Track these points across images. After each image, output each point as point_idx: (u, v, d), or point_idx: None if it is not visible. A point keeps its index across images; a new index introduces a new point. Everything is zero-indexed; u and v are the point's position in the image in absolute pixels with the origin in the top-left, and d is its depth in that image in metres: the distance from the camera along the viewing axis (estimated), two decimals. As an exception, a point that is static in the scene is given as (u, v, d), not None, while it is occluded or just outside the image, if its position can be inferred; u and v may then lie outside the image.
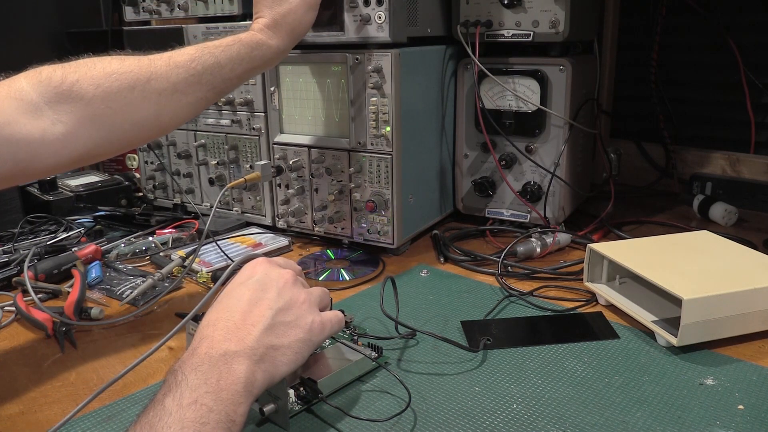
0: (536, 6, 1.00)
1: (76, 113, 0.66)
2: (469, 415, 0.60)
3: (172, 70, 0.73)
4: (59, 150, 0.65)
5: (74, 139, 0.66)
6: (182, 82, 0.73)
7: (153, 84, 0.71)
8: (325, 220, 1.04)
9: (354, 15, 0.93)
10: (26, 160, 0.63)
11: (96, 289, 0.92)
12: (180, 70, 0.73)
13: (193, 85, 0.74)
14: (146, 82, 0.70)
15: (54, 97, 0.65)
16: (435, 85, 1.07)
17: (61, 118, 0.65)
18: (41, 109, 0.64)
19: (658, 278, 0.73)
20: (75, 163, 0.69)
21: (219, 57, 0.76)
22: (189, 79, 0.74)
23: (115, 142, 0.71)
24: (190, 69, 0.74)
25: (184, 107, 0.75)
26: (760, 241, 1.05)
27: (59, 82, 0.66)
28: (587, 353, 0.71)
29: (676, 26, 1.33)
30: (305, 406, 0.62)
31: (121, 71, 0.69)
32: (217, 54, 0.76)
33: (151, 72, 0.71)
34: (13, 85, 0.65)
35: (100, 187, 1.26)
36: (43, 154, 0.64)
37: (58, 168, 0.68)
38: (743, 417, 0.59)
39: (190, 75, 0.74)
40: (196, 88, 0.75)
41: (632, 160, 1.41)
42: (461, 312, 0.82)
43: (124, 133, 0.71)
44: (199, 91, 0.75)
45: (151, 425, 0.45)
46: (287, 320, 0.57)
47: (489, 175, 1.11)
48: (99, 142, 0.69)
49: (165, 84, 0.72)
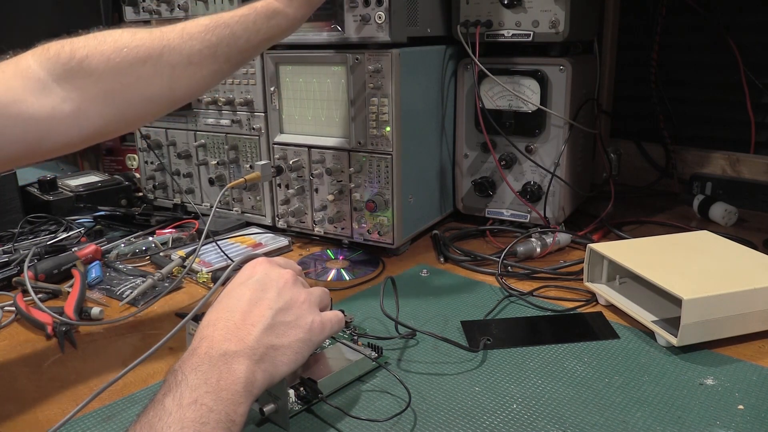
0: (536, 6, 1.00)
1: (86, 90, 0.64)
2: (469, 415, 0.60)
3: (186, 42, 0.69)
4: (69, 128, 0.64)
5: (85, 116, 0.64)
6: (196, 54, 0.70)
7: (166, 57, 0.68)
8: (325, 220, 1.04)
9: (354, 15, 0.93)
10: (36, 139, 0.61)
11: (96, 289, 0.92)
12: (194, 42, 0.70)
13: (208, 57, 0.71)
14: (158, 55, 0.67)
15: (63, 73, 0.63)
16: (435, 85, 1.07)
17: (70, 95, 0.63)
18: (50, 86, 0.62)
19: (658, 278, 0.73)
20: (86, 141, 0.67)
21: (234, 28, 0.73)
22: (203, 51, 0.71)
23: (128, 117, 0.69)
24: (205, 40, 0.71)
25: (198, 80, 0.72)
26: (760, 241, 1.05)
27: (68, 58, 0.63)
28: (587, 353, 0.71)
29: (676, 26, 1.33)
30: (305, 406, 0.62)
31: (132, 45, 0.66)
32: (232, 25, 0.73)
33: (164, 45, 0.68)
34: (20, 63, 0.63)
35: (100, 187, 1.26)
36: (53, 133, 0.62)
37: (69, 146, 0.66)
38: (743, 417, 0.59)
39: (204, 47, 0.71)
40: (210, 60, 0.72)
41: (632, 160, 1.41)
42: (461, 312, 0.82)
43: (136, 109, 0.69)
44: (214, 64, 0.72)
45: (151, 425, 0.45)
46: (287, 320, 0.57)
47: (489, 175, 1.11)
48: (110, 119, 0.67)
49: (178, 57, 0.69)
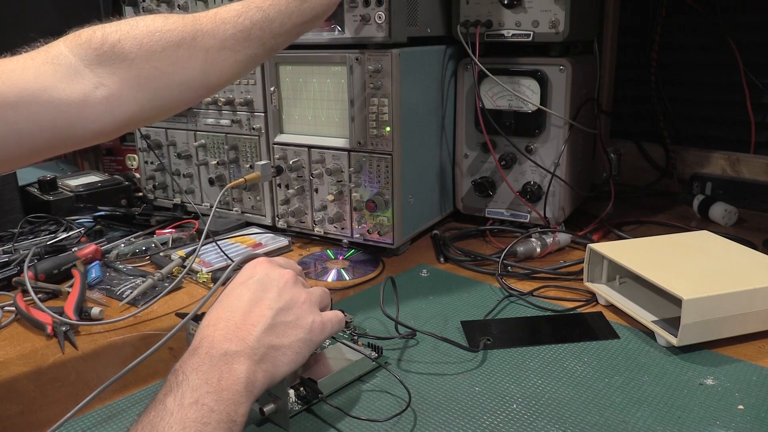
0: (536, 6, 1.00)
1: (119, 75, 0.63)
2: (469, 415, 0.60)
3: (218, 26, 0.68)
4: (102, 114, 0.62)
5: (119, 102, 0.63)
6: (230, 38, 0.69)
7: (199, 41, 0.67)
8: (325, 220, 1.04)
9: (354, 15, 0.93)
10: (67, 125, 0.60)
11: (96, 289, 0.92)
12: (227, 26, 0.69)
13: (242, 42, 0.70)
14: (192, 39, 0.66)
15: (95, 59, 0.62)
16: (435, 85, 1.07)
17: (103, 81, 0.62)
18: (82, 72, 0.61)
19: (658, 278, 0.73)
20: (120, 129, 0.65)
21: (267, 11, 0.72)
22: (237, 35, 0.70)
23: (162, 104, 0.68)
24: (238, 24, 0.70)
25: (233, 65, 0.71)
26: (760, 241, 1.05)
27: (100, 43, 0.62)
28: (587, 353, 0.71)
29: (676, 26, 1.33)
30: (305, 406, 0.62)
31: (165, 29, 0.65)
32: (265, 8, 0.72)
33: (197, 29, 0.67)
34: (51, 51, 0.61)
35: (100, 187, 1.26)
36: (85, 119, 0.61)
37: (102, 134, 0.64)
38: (743, 417, 0.59)
39: (238, 31, 0.70)
40: (245, 44, 0.71)
41: (632, 160, 1.41)
42: (461, 312, 0.82)
43: (170, 94, 0.67)
44: (248, 48, 0.71)
45: (153, 425, 0.45)
46: (288, 320, 0.57)
47: (489, 175, 1.11)
48: (145, 105, 0.65)
49: (212, 41, 0.68)
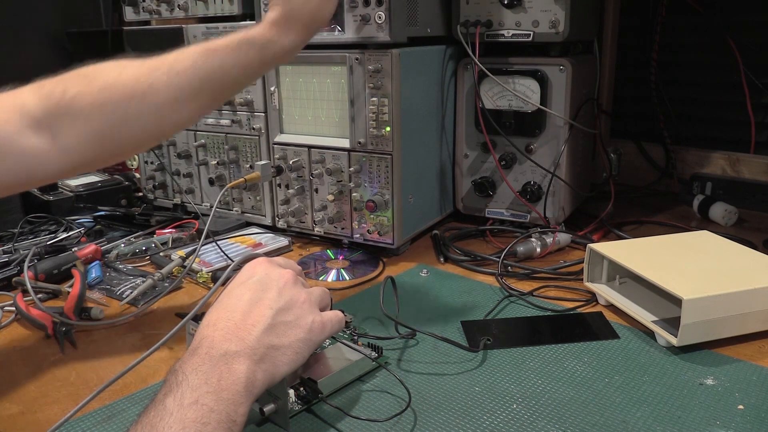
0: (536, 6, 1.00)
1: (75, 129, 0.66)
2: (469, 415, 0.60)
3: (172, 80, 0.69)
4: (59, 163, 0.66)
5: (76, 152, 0.67)
6: (185, 90, 0.70)
7: (150, 98, 0.68)
8: (325, 220, 1.04)
9: (354, 15, 0.93)
10: (26, 172, 0.65)
11: (96, 289, 0.92)
12: (181, 79, 0.69)
13: (196, 94, 0.71)
14: (142, 96, 0.67)
15: (55, 111, 0.65)
16: (435, 85, 1.07)
17: (60, 134, 0.65)
18: (42, 124, 0.64)
19: (658, 278, 0.73)
20: (76, 171, 0.71)
21: (225, 61, 0.71)
22: (191, 87, 0.70)
23: (116, 152, 0.71)
24: (193, 77, 0.70)
25: (185, 115, 0.72)
26: (760, 241, 1.05)
27: (59, 97, 0.65)
28: (587, 353, 0.71)
29: (676, 26, 1.33)
30: (305, 406, 0.62)
31: (119, 83, 0.67)
32: (224, 56, 0.72)
33: (149, 83, 0.68)
34: (17, 98, 0.65)
35: (100, 187, 1.26)
36: (43, 167, 0.65)
37: (58, 177, 0.70)
38: (743, 417, 0.59)
39: (192, 83, 0.70)
40: (198, 96, 0.71)
41: (632, 160, 1.41)
42: (461, 312, 0.82)
43: (124, 144, 0.70)
44: (201, 99, 0.72)
45: (153, 425, 0.45)
46: (288, 320, 0.57)
47: (489, 175, 1.11)
48: (100, 154, 0.69)
49: (164, 96, 0.69)
